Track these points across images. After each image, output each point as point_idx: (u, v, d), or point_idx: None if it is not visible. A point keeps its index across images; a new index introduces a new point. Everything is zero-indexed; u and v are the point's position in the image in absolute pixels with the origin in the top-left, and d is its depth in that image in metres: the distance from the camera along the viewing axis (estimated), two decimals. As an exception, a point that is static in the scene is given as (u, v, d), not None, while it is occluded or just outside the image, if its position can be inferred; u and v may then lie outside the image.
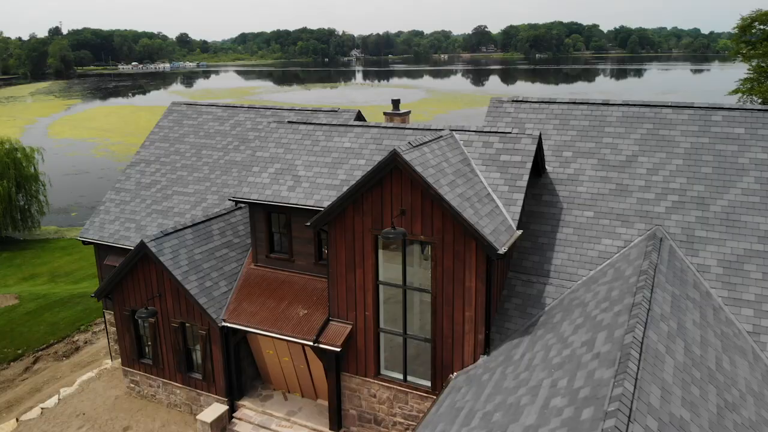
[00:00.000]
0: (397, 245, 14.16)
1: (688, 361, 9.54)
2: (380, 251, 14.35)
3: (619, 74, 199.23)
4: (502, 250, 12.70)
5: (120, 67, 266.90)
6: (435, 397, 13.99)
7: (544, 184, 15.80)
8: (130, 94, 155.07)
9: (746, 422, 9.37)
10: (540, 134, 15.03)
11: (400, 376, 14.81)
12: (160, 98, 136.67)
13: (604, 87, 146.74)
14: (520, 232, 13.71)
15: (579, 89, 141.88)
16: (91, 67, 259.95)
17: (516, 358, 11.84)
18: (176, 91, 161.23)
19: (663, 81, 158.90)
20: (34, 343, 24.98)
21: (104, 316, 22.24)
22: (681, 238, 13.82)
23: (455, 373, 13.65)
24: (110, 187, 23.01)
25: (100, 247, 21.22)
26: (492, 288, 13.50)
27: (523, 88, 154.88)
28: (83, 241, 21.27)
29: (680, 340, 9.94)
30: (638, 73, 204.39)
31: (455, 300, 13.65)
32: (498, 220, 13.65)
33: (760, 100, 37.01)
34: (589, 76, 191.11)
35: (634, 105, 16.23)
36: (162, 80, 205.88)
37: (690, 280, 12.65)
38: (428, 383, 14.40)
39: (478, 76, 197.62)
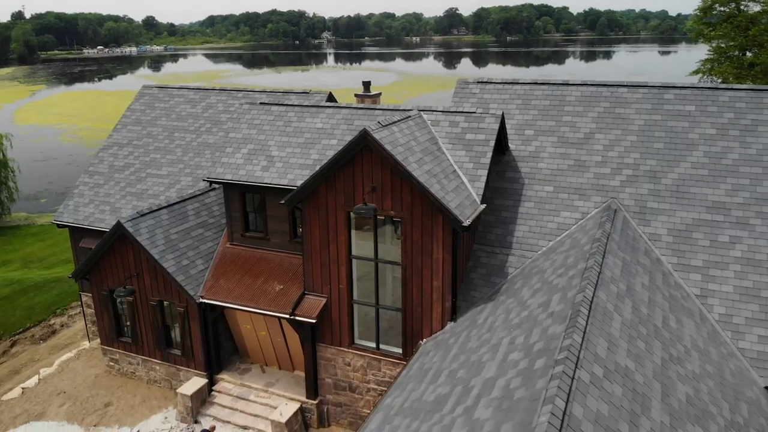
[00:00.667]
0: (369, 225, 14.79)
1: (635, 318, 10.42)
2: (353, 228, 14.97)
3: (589, 56, 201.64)
4: (467, 222, 13.44)
5: (85, 51, 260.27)
6: (406, 362, 14.76)
7: (507, 161, 16.56)
8: (96, 79, 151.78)
9: (690, 374, 10.32)
10: (503, 114, 15.74)
11: (373, 345, 15.54)
12: (127, 83, 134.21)
13: (573, 69, 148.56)
14: (483, 206, 14.47)
15: (549, 72, 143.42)
16: (56, 51, 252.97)
17: (480, 322, 12.65)
18: (144, 76, 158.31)
19: (631, 63, 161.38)
20: (10, 328, 25.07)
21: (81, 299, 22.49)
22: (634, 209, 14.73)
23: (425, 340, 14.43)
24: (82, 171, 23.13)
25: (75, 230, 21.41)
26: (458, 259, 14.26)
27: (494, 71, 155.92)
28: (58, 225, 21.43)
29: (629, 300, 10.82)
30: (607, 55, 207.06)
31: (424, 271, 14.38)
32: (463, 195, 14.38)
33: (719, 80, 38.33)
34: (559, 58, 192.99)
35: (592, 85, 17.05)
36: (128, 64, 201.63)
37: (641, 247, 13.58)
38: (399, 350, 15.17)
39: (450, 59, 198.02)
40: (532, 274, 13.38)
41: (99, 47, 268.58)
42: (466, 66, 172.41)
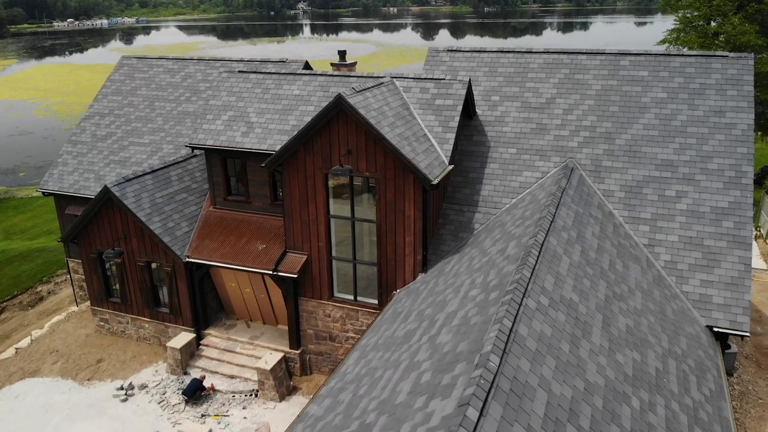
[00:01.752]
0: (347, 194, 15.74)
1: (582, 261, 11.65)
2: (330, 189, 15.95)
3: (566, 27, 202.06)
4: (435, 181, 14.52)
5: (55, 24, 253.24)
6: (381, 311, 15.93)
7: (474, 126, 17.60)
8: (67, 53, 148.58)
9: (631, 310, 11.61)
10: (470, 80, 16.72)
11: (351, 297, 16.68)
12: (99, 56, 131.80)
13: (550, 42, 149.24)
14: (451, 166, 15.55)
15: (526, 43, 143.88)
16: (25, 25, 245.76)
17: (447, 270, 13.82)
18: (116, 49, 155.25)
19: (607, 34, 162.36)
20: (-3, 295, 25.74)
21: (67, 265, 23.22)
22: (590, 168, 15.93)
23: (398, 290, 15.59)
24: (61, 143, 23.67)
25: (60, 197, 22.05)
26: (428, 216, 15.37)
27: (472, 42, 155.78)
28: (44, 193, 22.04)
29: (578, 245, 12.04)
30: (584, 26, 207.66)
31: (397, 227, 15.47)
32: (432, 156, 15.42)
33: (686, 49, 39.59)
34: (536, 30, 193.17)
35: (554, 52, 18.07)
36: (100, 37, 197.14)
37: (595, 202, 14.80)
38: (375, 301, 16.33)
39: (428, 31, 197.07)
40: (494, 227, 14.55)
41: (69, 20, 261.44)
42: (444, 37, 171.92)
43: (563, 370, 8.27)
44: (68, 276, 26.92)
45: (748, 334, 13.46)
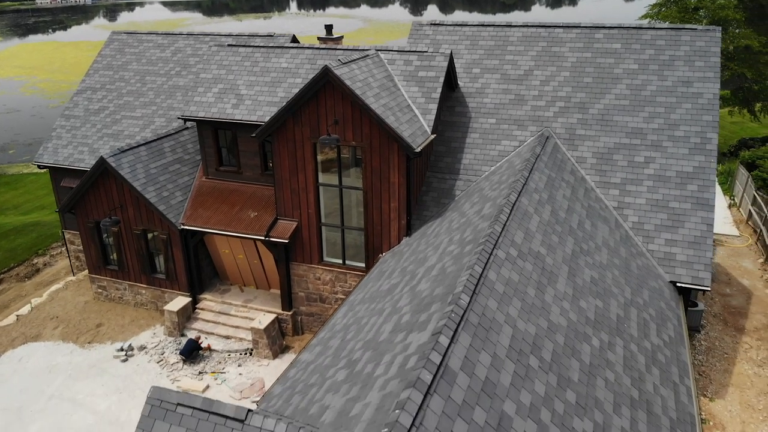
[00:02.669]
0: (335, 168, 16.50)
1: (552, 219, 12.56)
2: (319, 158, 16.71)
3: (555, 3, 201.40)
4: (419, 149, 15.33)
5: (38, 1, 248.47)
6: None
7: (456, 97, 18.37)
8: (50, 30, 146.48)
9: (597, 264, 12.58)
10: (451, 53, 17.43)
11: (340, 261, 17.56)
12: (83, 33, 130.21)
13: (538, 17, 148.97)
14: (433, 135, 16.35)
15: (515, 19, 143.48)
16: (7, 2, 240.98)
17: (428, 233, 14.72)
18: (100, 26, 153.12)
19: (595, 10, 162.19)
20: (-6, 268, 26.39)
21: (63, 236, 23.90)
22: (565, 136, 16.79)
23: (384, 253, 16.49)
24: (51, 120, 24.19)
25: (55, 170, 22.64)
26: (412, 183, 16.20)
27: (461, 17, 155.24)
28: (39, 166, 22.60)
29: (548, 206, 12.95)
30: (573, 2, 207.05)
31: (382, 194, 16.30)
32: (416, 126, 16.20)
33: (669, 21, 40.29)
34: (525, 5, 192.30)
35: (532, 26, 18.79)
36: (83, 14, 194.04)
37: (568, 168, 15.70)
38: (363, 264, 17.23)
39: (416, 6, 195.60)
40: (473, 193, 15.43)
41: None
42: (432, 12, 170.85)
43: (528, 310, 9.21)
44: (64, 248, 27.61)
45: (708, 288, 14.52)
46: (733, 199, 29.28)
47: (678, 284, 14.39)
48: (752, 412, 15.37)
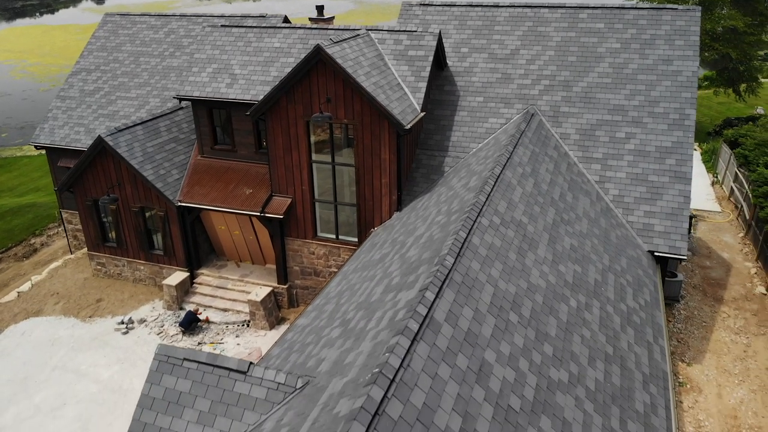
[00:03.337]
0: (327, 148, 17.01)
1: (535, 191, 13.19)
2: (312, 137, 17.22)
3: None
4: (408, 126, 15.88)
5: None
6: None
7: (445, 76, 18.88)
8: (38, 14, 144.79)
9: (577, 233, 13.24)
10: (440, 32, 17.90)
11: (333, 236, 18.17)
12: (72, 16, 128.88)
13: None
14: (423, 113, 16.89)
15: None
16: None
17: (418, 207, 15.32)
18: (88, 9, 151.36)
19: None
20: (-8, 248, 26.81)
21: (61, 215, 24.34)
22: (549, 113, 17.37)
23: (376, 227, 17.10)
24: (46, 101, 24.46)
25: (52, 150, 23.02)
26: (402, 159, 16.76)
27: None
28: (36, 146, 22.97)
29: (531, 179, 13.57)
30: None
31: (374, 170, 16.86)
32: (405, 104, 16.73)
33: (655, 1, 40.71)
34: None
35: (519, 6, 19.27)
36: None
37: (552, 143, 16.30)
38: (355, 239, 17.84)
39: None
40: (461, 168, 16.02)
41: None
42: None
43: (509, 272, 9.86)
44: (61, 227, 28.05)
45: (685, 257, 15.25)
46: (717, 177, 30.04)
47: (656, 253, 15.10)
48: (728, 377, 16.18)
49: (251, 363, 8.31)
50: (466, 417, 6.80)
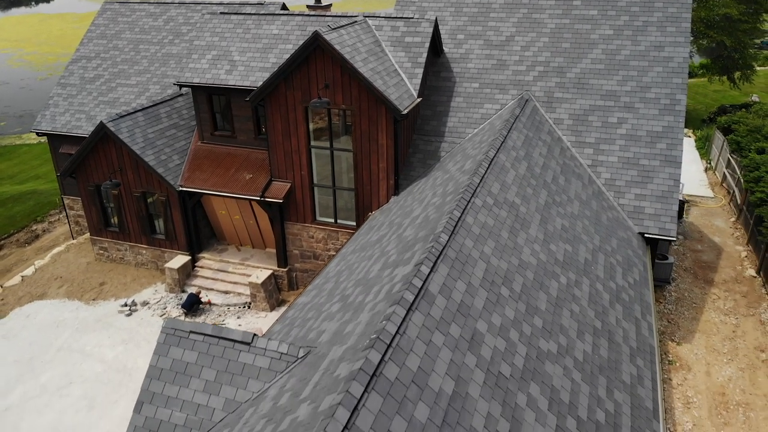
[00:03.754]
0: (326, 136, 17.33)
1: (528, 174, 13.57)
2: (310, 121, 17.55)
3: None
4: (405, 111, 16.21)
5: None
6: (358, 231, 17.85)
7: (442, 63, 19.19)
8: (33, 2, 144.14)
9: (568, 214, 13.63)
10: (436, 19, 18.18)
11: (332, 220, 18.55)
12: (67, 5, 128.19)
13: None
14: (419, 99, 17.22)
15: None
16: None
17: (415, 190, 15.70)
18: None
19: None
20: (-5, 234, 27.16)
21: (63, 201, 24.67)
22: (543, 99, 17.71)
23: (373, 211, 17.48)
24: (44, 90, 24.70)
25: (53, 137, 23.30)
26: (399, 144, 17.11)
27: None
28: (37, 133, 23.24)
29: (525, 162, 13.94)
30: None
31: (371, 155, 17.21)
32: (402, 89, 17.05)
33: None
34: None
35: (514, -7, 19.54)
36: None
37: (545, 128, 16.66)
38: (354, 223, 18.22)
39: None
40: (457, 153, 16.38)
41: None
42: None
43: (501, 250, 10.26)
44: (62, 214, 28.41)
45: (674, 238, 15.67)
46: (710, 163, 30.45)
47: (646, 235, 15.51)
48: (717, 355, 16.66)
49: (255, 335, 8.71)
50: (459, 381, 7.21)
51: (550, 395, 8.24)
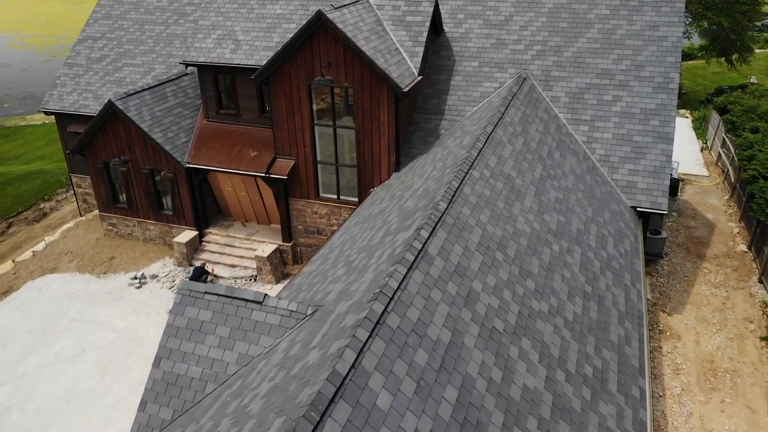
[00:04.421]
0: (328, 114, 17.81)
1: (524, 149, 14.10)
2: (313, 99, 18.03)
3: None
4: (406, 89, 16.70)
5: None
6: (360, 206, 18.41)
7: (442, 42, 19.61)
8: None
9: (563, 187, 14.18)
10: (437, -1, 18.59)
11: (335, 196, 19.11)
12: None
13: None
14: (420, 77, 17.68)
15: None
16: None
17: (415, 166, 16.24)
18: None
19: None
20: (3, 212, 27.75)
21: (71, 180, 25.22)
22: (541, 78, 18.17)
23: (375, 187, 18.03)
24: (46, 72, 25.11)
25: (61, 116, 23.78)
26: (400, 122, 17.61)
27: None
28: (45, 112, 23.72)
29: (521, 137, 14.46)
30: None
31: (373, 133, 17.72)
32: (403, 67, 17.51)
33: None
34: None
35: (513, -27, 19.89)
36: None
37: (542, 106, 17.15)
38: (356, 199, 18.78)
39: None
40: (456, 130, 16.90)
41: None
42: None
43: (497, 218, 10.84)
44: (69, 193, 28.99)
45: (665, 212, 16.23)
46: (706, 143, 30.91)
47: (638, 209, 16.07)
48: (706, 325, 17.30)
49: (266, 294, 9.32)
50: (455, 332, 7.82)
51: (541, 350, 8.86)
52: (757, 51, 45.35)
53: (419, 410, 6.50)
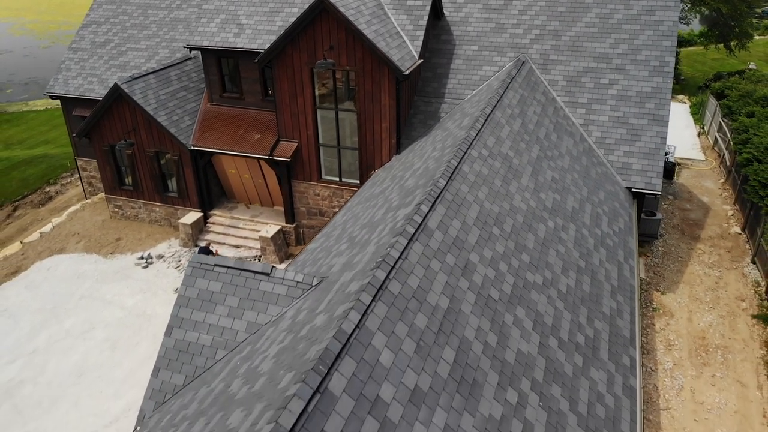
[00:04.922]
0: (330, 99, 18.16)
1: (522, 130, 14.48)
2: (316, 82, 18.37)
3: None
4: (407, 72, 17.04)
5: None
6: (362, 188, 18.82)
7: (442, 26, 19.91)
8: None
9: (559, 167, 14.58)
10: (437, -17, 18.87)
11: (337, 179, 19.51)
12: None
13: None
14: (421, 60, 18.01)
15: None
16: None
17: (416, 148, 16.62)
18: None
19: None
20: (9, 196, 28.18)
21: (76, 163, 25.60)
22: (539, 61, 18.50)
23: (376, 170, 18.43)
24: (47, 59, 25.38)
25: (66, 100, 24.12)
26: (401, 104, 17.97)
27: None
28: (51, 96, 24.05)
29: (519, 119, 14.84)
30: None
31: (374, 116, 18.09)
32: (404, 51, 17.83)
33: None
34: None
35: (512, -42, 20.14)
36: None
37: (540, 89, 17.50)
38: (357, 181, 19.19)
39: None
40: (456, 112, 17.26)
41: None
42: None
43: (494, 195, 11.26)
44: (74, 176, 29.39)
45: (659, 192, 16.64)
46: (703, 128, 31.26)
47: (633, 189, 16.49)
48: (699, 304, 17.78)
49: (273, 266, 9.76)
50: (453, 300, 8.28)
51: (535, 318, 9.32)
52: (757, 37, 45.52)
53: (419, 368, 6.96)
